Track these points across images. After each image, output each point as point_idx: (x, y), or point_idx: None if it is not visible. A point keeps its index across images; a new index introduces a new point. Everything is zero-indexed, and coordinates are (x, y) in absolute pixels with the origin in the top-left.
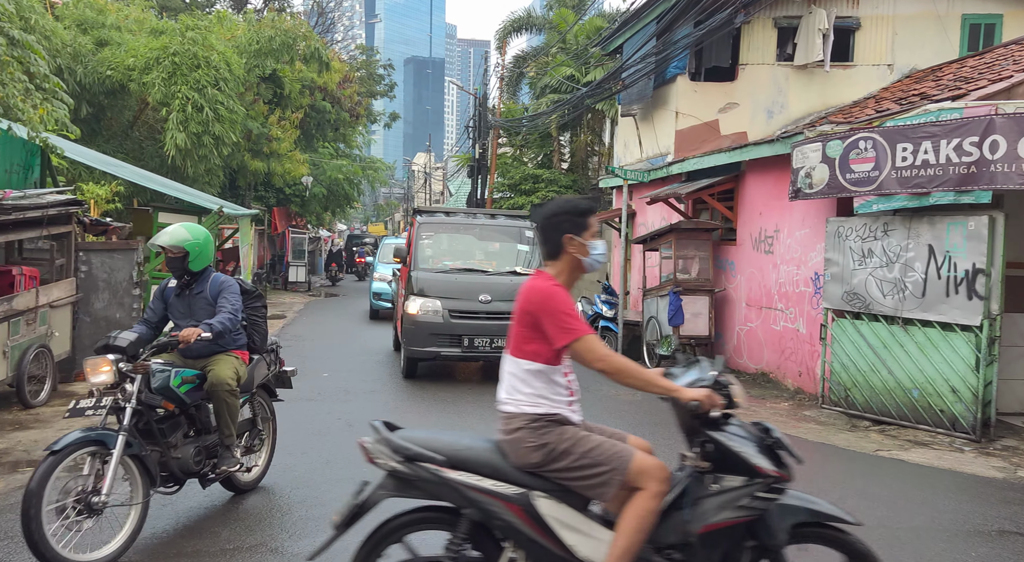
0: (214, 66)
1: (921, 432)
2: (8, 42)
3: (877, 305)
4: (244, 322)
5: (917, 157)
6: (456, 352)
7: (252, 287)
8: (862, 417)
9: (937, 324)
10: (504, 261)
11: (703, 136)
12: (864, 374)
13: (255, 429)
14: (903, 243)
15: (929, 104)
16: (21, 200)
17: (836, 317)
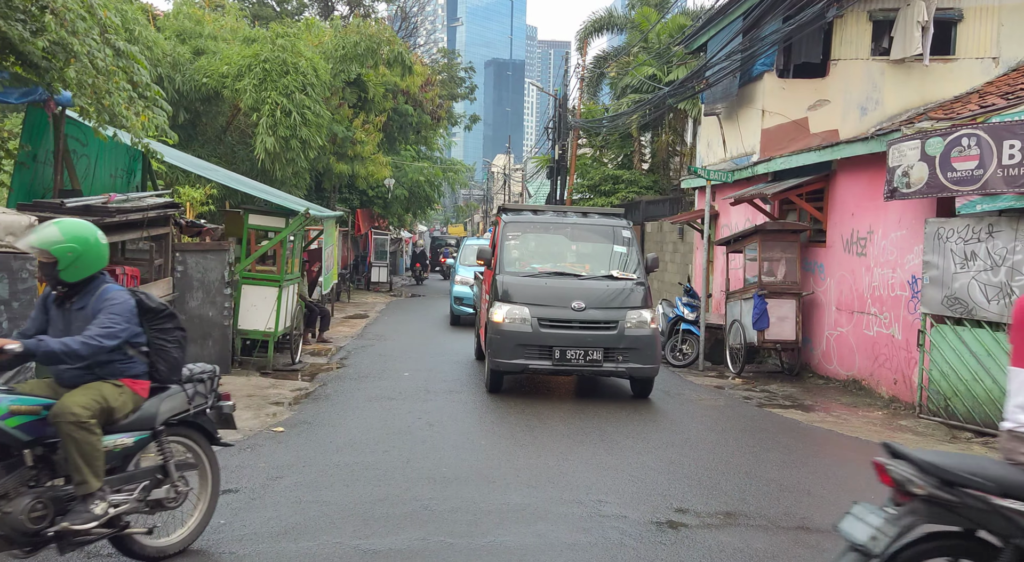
0: (302, 72)
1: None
2: (114, 53)
3: (980, 311)
4: (145, 347)
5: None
6: (546, 365)
7: (161, 305)
8: (963, 428)
9: None
10: (598, 264)
11: (791, 135)
12: (966, 383)
13: (166, 479)
14: (1010, 245)
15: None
16: (124, 203)
17: (935, 323)
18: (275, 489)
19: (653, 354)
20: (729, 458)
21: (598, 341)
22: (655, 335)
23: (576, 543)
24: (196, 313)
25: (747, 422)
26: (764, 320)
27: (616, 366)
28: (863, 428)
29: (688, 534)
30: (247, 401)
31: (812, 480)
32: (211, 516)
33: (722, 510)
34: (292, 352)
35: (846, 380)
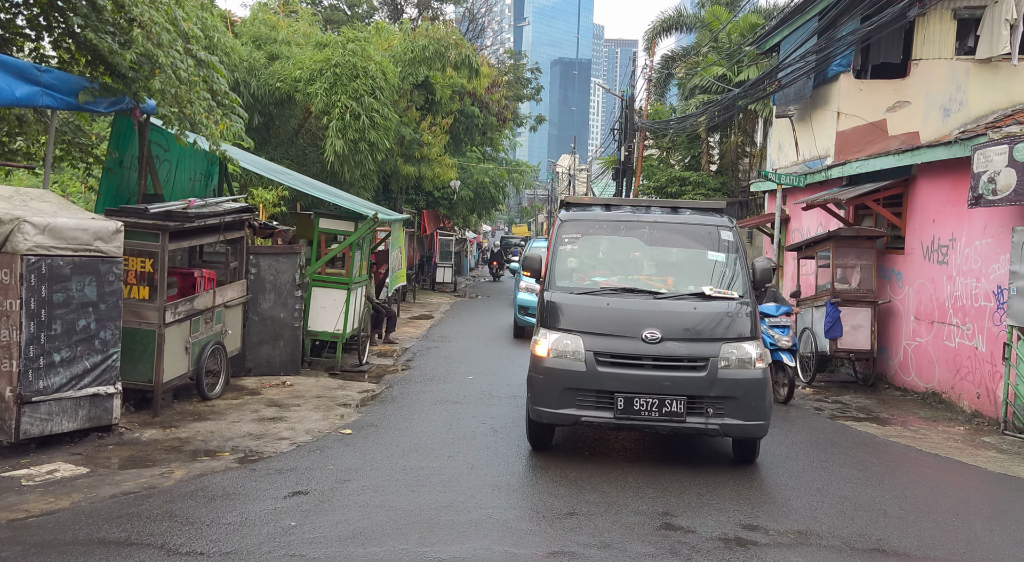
0: (371, 75)
1: None
2: (196, 63)
3: None
4: None
5: None
6: (605, 418)
7: None
8: None
9: None
10: (686, 277)
11: (867, 137)
12: None
13: None
14: None
15: None
16: (203, 208)
17: (1022, 335)
18: (343, 492)
19: (760, 405)
20: (800, 473)
21: (680, 386)
22: (764, 378)
23: (642, 556)
24: (268, 315)
25: (819, 435)
26: (837, 328)
27: (705, 422)
28: (943, 444)
29: (758, 552)
30: (316, 402)
31: (889, 499)
32: None
33: (793, 528)
34: (359, 353)
35: (925, 393)
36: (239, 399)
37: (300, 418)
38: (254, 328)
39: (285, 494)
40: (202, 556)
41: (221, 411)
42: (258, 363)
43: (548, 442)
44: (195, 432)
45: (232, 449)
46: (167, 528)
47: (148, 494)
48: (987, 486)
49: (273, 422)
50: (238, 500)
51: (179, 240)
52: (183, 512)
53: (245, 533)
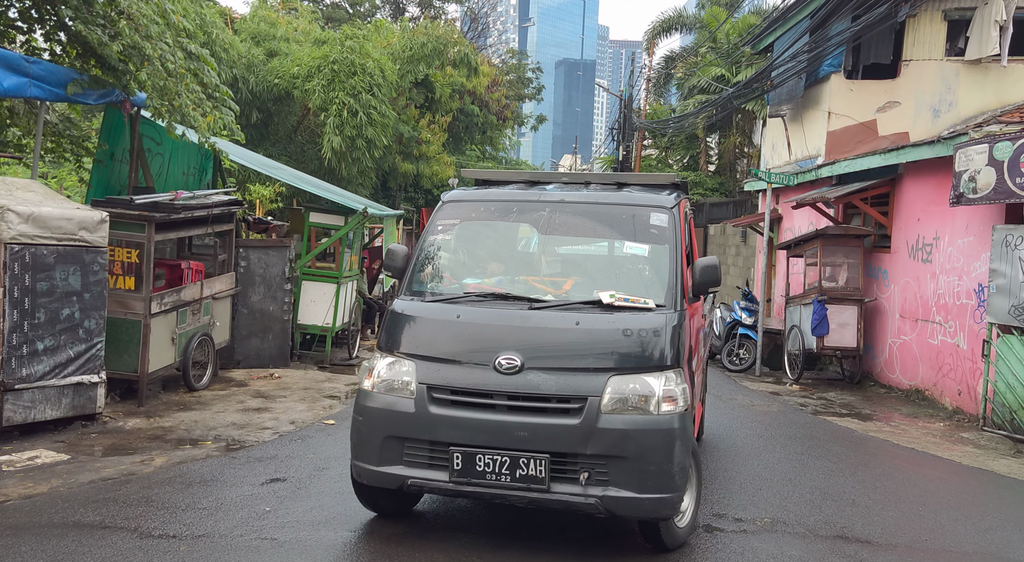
0: (369, 73)
1: None
2: (185, 56)
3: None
4: None
5: None
6: (438, 481)
7: None
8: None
9: None
10: (593, 278)
11: (858, 137)
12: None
13: None
14: None
15: None
16: (190, 200)
17: (1002, 333)
18: (320, 480)
19: (663, 470)
20: (775, 465)
21: (542, 439)
22: (673, 429)
23: (604, 535)
24: (257, 307)
25: (798, 429)
26: (824, 326)
27: (582, 492)
28: (921, 439)
29: (723, 539)
30: (303, 394)
31: (859, 490)
32: None
33: (761, 517)
34: (350, 347)
35: (908, 390)
36: (226, 390)
37: (285, 409)
38: (243, 321)
39: (263, 481)
40: (174, 539)
41: (207, 402)
42: (247, 355)
43: (376, 506)
44: (179, 422)
45: (215, 438)
46: (142, 512)
47: (126, 480)
48: (958, 479)
49: (258, 413)
50: (215, 486)
51: (166, 231)
52: (159, 497)
53: (219, 518)
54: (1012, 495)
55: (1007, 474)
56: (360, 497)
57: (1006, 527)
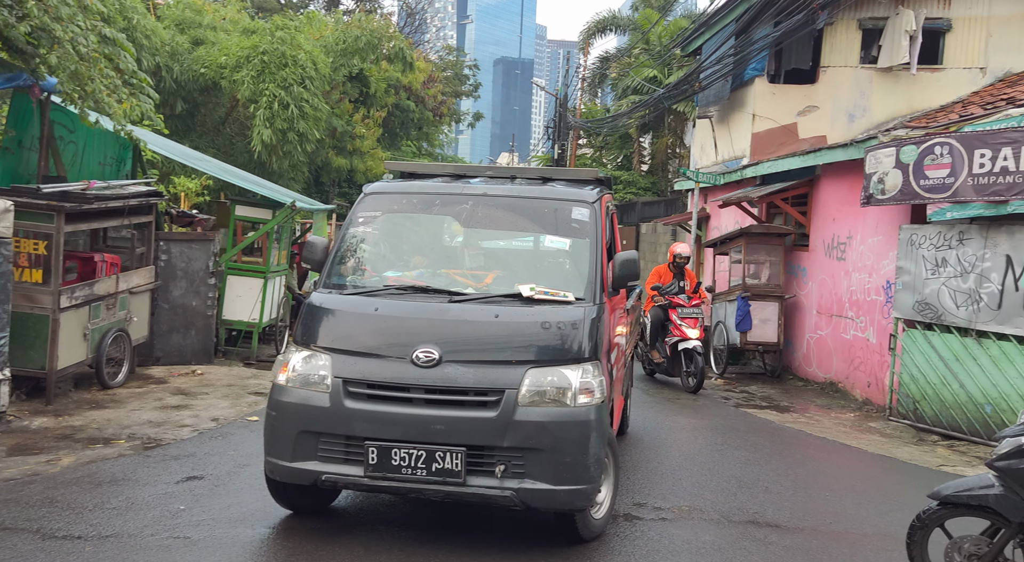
0: (300, 65)
1: (991, 448)
2: (99, 39)
3: (949, 316)
4: None
5: (996, 164)
6: (353, 476)
7: None
8: (930, 431)
9: (1013, 338)
10: (515, 271)
11: (780, 139)
12: (934, 387)
13: None
14: (979, 253)
15: (1012, 109)
16: (104, 190)
17: (907, 327)
18: (240, 476)
19: (579, 461)
20: (695, 455)
21: (458, 432)
22: (589, 420)
23: (525, 527)
24: (179, 302)
25: (720, 421)
26: (747, 322)
27: (498, 485)
28: (832, 429)
29: (641, 526)
30: (226, 390)
31: (771, 477)
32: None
33: (679, 505)
34: (277, 343)
35: (824, 382)
36: (143, 388)
37: (207, 406)
38: (164, 316)
39: (178, 479)
40: (79, 540)
41: (122, 399)
42: (168, 352)
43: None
44: (90, 420)
45: (128, 436)
46: (46, 513)
47: (30, 480)
48: (864, 465)
49: (177, 410)
50: (127, 485)
51: (76, 222)
52: (65, 498)
53: (129, 517)
54: (912, 480)
55: (909, 461)
56: (274, 494)
57: (904, 510)
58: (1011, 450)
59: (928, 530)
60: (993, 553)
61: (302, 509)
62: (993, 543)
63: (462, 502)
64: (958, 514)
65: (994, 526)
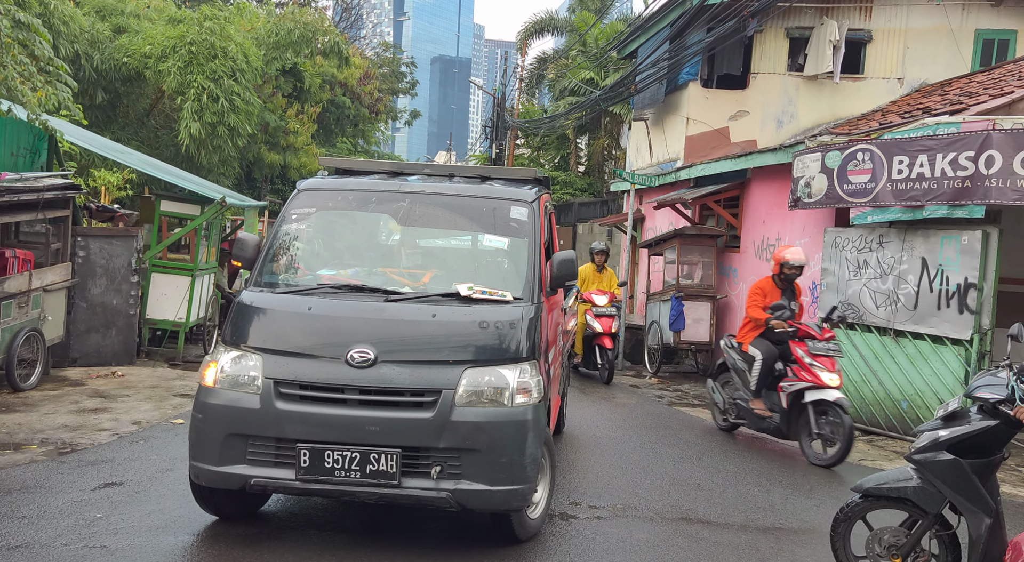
0: (231, 57)
1: (908, 443)
2: (12, 24)
3: (870, 316)
4: None
5: (913, 170)
6: (284, 479)
7: None
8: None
9: (928, 337)
10: (452, 271)
11: (713, 143)
12: (855, 384)
13: None
14: (897, 255)
15: (928, 117)
16: (16, 183)
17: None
18: (163, 482)
19: (515, 461)
20: (630, 453)
21: (393, 433)
22: (525, 420)
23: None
24: (99, 301)
25: (654, 420)
26: (680, 321)
27: (434, 486)
28: None
29: (576, 525)
30: (149, 392)
31: (703, 474)
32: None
33: (613, 503)
34: (205, 343)
35: None
36: (58, 390)
37: (127, 409)
38: (82, 315)
39: (95, 486)
40: None
41: (34, 403)
42: (86, 353)
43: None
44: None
45: (41, 441)
46: None
47: None
48: (790, 461)
49: (95, 413)
50: (39, 493)
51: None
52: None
53: (41, 526)
54: (835, 475)
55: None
56: (199, 500)
57: (829, 503)
58: (927, 444)
59: (851, 523)
60: (911, 543)
61: (229, 515)
62: (911, 534)
63: (396, 505)
64: (879, 506)
65: (912, 518)
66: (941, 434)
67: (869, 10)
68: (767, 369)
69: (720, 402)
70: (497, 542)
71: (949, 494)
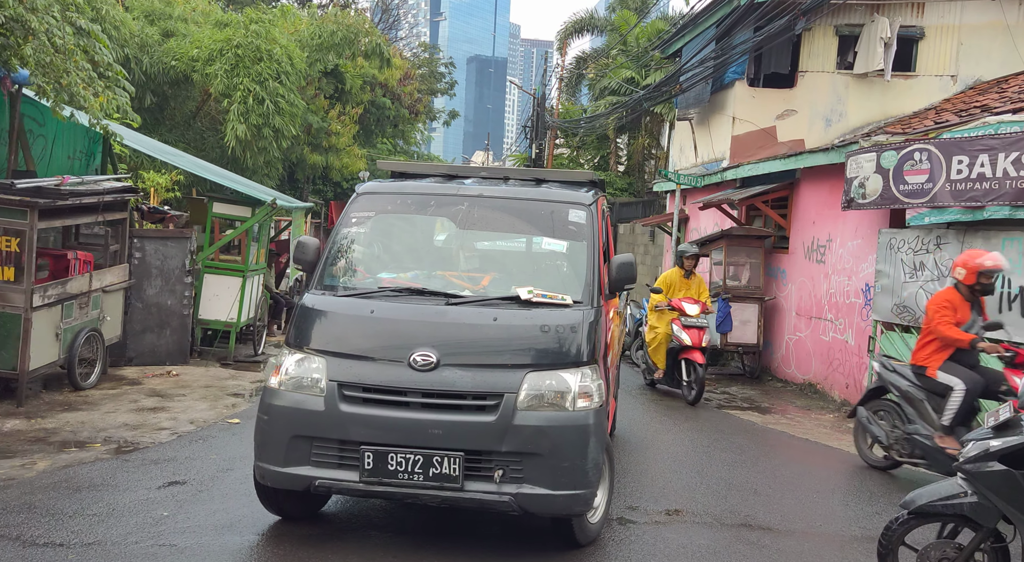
0: (276, 59)
1: None
2: (75, 31)
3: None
4: None
5: (973, 170)
6: (348, 482)
7: None
8: None
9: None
10: (512, 274)
11: (759, 142)
12: None
13: None
14: (955, 257)
15: (989, 116)
16: (79, 186)
17: (885, 330)
18: (224, 481)
19: (577, 466)
20: (683, 457)
21: (456, 437)
22: (588, 425)
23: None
24: (153, 301)
25: (704, 423)
26: (727, 323)
27: (496, 490)
28: (813, 430)
29: (635, 530)
30: (204, 392)
31: (760, 479)
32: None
33: (670, 507)
34: (255, 343)
35: (802, 384)
36: (117, 389)
37: (184, 408)
38: (138, 315)
39: (159, 484)
40: (61, 547)
41: (95, 401)
42: (141, 352)
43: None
44: (64, 423)
45: (104, 440)
46: (24, 519)
47: (5, 485)
48: (847, 466)
49: (153, 412)
50: (106, 491)
51: (50, 218)
52: (44, 503)
53: (111, 524)
54: (893, 481)
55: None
56: (263, 500)
57: (889, 511)
58: (978, 453)
59: (899, 541)
60: (964, 558)
61: (291, 515)
62: (964, 547)
63: (459, 508)
64: (928, 522)
65: (953, 527)
66: (993, 444)
67: (921, 6)
68: (970, 401)
69: (882, 436)
70: (557, 547)
71: (1001, 505)
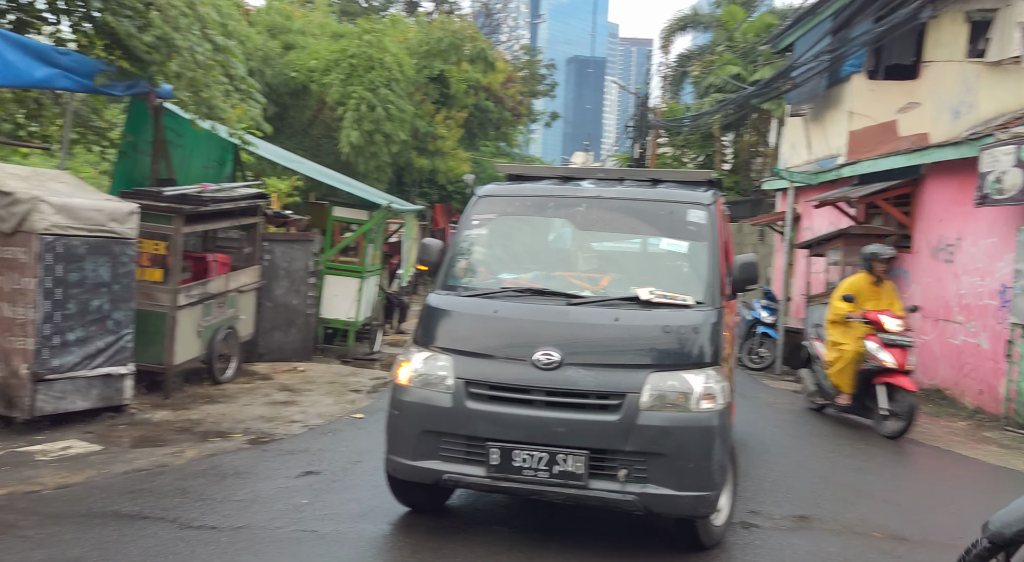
0: (387, 67)
1: None
2: (213, 47)
3: None
4: None
5: None
6: (474, 476)
7: None
8: None
9: None
10: (631, 274)
11: (879, 137)
12: None
13: None
14: None
15: None
16: (218, 193)
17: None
18: (354, 473)
19: (702, 467)
20: (804, 462)
21: (580, 435)
22: (712, 426)
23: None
24: (281, 301)
25: (824, 427)
26: None
27: (620, 489)
28: (944, 438)
29: (761, 535)
30: (328, 387)
31: (889, 488)
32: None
33: (795, 513)
34: (371, 341)
35: (928, 389)
36: (251, 383)
37: (312, 402)
38: (267, 314)
39: (297, 473)
40: (214, 530)
41: (232, 395)
42: (270, 349)
43: (410, 501)
44: (206, 414)
45: (244, 431)
46: (179, 503)
47: (160, 472)
48: (985, 477)
49: (284, 406)
50: (249, 479)
51: (193, 224)
52: (195, 489)
53: (257, 509)
54: None
55: None
56: (394, 492)
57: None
58: None
59: None
60: None
61: (420, 507)
62: None
63: (582, 506)
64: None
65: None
66: None
67: None
68: None
69: None
70: (681, 548)
71: None
